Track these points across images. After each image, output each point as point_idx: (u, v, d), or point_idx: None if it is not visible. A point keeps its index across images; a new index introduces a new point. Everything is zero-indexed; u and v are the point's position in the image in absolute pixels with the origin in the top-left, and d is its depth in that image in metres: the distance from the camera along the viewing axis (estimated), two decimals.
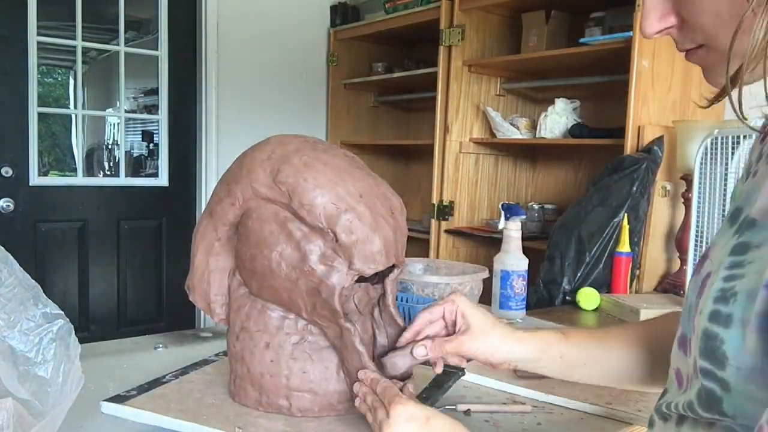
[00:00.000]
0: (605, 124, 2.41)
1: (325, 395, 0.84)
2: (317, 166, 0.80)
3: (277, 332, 0.85)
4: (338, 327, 0.81)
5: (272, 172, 0.80)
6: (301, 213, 0.78)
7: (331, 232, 0.78)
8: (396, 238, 0.82)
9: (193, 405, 0.87)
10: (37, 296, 0.77)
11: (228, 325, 0.90)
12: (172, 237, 3.09)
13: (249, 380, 0.86)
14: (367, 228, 0.78)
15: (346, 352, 0.81)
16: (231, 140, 3.05)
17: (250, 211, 0.83)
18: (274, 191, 0.80)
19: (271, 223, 0.81)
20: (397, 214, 0.84)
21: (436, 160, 2.68)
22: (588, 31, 2.29)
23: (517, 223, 1.48)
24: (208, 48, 3.00)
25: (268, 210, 0.81)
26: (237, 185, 0.84)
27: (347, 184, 0.79)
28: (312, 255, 0.79)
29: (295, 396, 0.84)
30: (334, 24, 3.31)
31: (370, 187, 0.82)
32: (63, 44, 2.95)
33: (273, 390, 0.85)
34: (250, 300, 0.87)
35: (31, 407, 0.69)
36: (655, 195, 1.92)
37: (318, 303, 0.80)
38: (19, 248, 2.56)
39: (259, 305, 0.86)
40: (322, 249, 0.79)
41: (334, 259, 0.79)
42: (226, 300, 0.90)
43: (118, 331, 2.95)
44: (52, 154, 4.45)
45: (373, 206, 0.80)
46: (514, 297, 1.45)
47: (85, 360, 0.76)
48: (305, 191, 0.78)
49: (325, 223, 0.78)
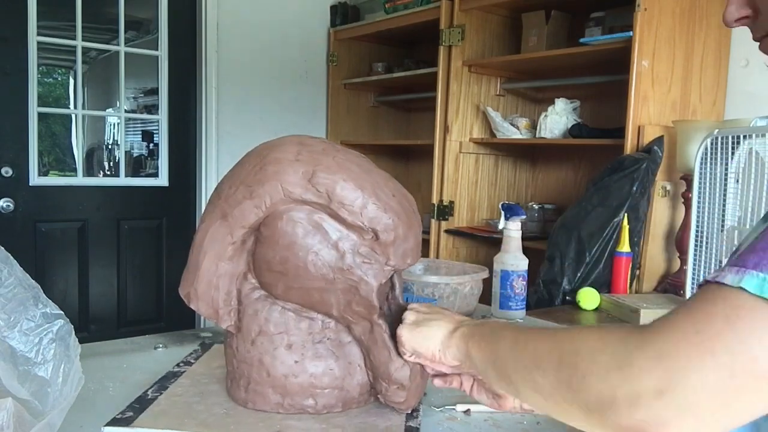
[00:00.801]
0: (605, 124, 2.41)
1: (349, 390, 0.87)
2: (351, 168, 0.81)
3: (299, 333, 0.86)
4: (369, 323, 0.84)
5: (306, 173, 0.80)
6: (341, 213, 0.80)
7: (371, 230, 0.81)
8: (420, 236, 0.87)
9: (208, 417, 0.84)
10: (37, 296, 0.77)
11: (237, 332, 0.88)
12: (172, 237, 3.09)
13: (270, 384, 0.86)
14: (405, 226, 0.83)
15: (375, 348, 0.84)
16: (231, 140, 3.05)
17: (279, 213, 0.82)
18: (310, 193, 0.80)
19: (305, 224, 0.81)
20: (417, 211, 0.89)
21: (436, 160, 2.68)
22: (588, 31, 2.29)
23: (517, 223, 1.48)
24: (208, 48, 3.00)
25: (300, 211, 0.81)
26: (262, 187, 0.81)
27: (381, 185, 0.82)
28: (349, 254, 0.81)
29: (321, 394, 0.86)
30: (334, 24, 3.30)
31: (396, 186, 0.86)
32: (63, 44, 2.95)
33: (298, 391, 0.85)
34: (268, 303, 0.86)
35: (31, 407, 0.69)
36: (655, 195, 1.92)
37: (354, 300, 0.82)
38: (19, 248, 2.55)
39: (279, 307, 0.86)
40: (359, 248, 0.81)
41: (372, 256, 0.82)
42: (234, 305, 0.87)
43: (118, 331, 2.94)
44: (52, 154, 4.44)
45: (404, 205, 0.84)
46: (514, 297, 1.45)
47: (85, 360, 0.76)
48: (346, 192, 0.80)
49: (367, 223, 0.80)
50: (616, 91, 2.14)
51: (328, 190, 0.80)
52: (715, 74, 2.13)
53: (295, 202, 0.81)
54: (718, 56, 2.13)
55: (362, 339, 0.86)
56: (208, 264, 0.86)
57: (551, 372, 0.54)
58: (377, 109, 3.50)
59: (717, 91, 2.15)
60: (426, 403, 0.92)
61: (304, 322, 0.86)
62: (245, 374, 0.88)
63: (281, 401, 0.86)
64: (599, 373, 0.49)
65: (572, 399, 0.52)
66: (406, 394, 0.84)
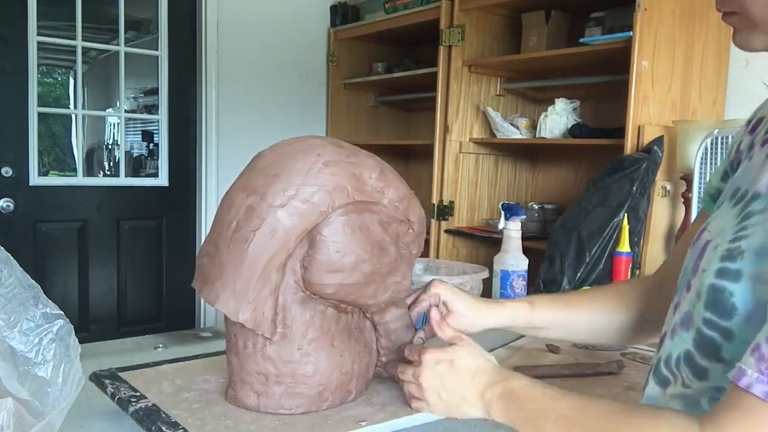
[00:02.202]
0: (605, 124, 2.41)
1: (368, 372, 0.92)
2: (382, 167, 0.88)
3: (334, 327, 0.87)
4: (397, 309, 0.91)
5: (374, 174, 0.85)
6: (390, 209, 0.86)
7: (408, 221, 0.88)
8: None
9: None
10: (37, 296, 0.77)
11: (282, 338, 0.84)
12: (172, 237, 3.09)
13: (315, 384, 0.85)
14: (423, 219, 0.91)
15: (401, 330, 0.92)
16: (231, 140, 3.05)
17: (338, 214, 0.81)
18: (365, 194, 0.84)
19: (375, 224, 0.85)
20: None
21: (436, 160, 2.68)
22: (588, 31, 2.29)
23: (517, 223, 1.48)
24: (208, 48, 3.00)
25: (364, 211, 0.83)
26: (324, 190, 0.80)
27: (400, 179, 0.89)
28: (397, 246, 0.87)
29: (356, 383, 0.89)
30: (334, 24, 3.30)
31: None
32: (63, 44, 2.95)
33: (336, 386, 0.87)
34: (309, 305, 0.84)
35: (31, 407, 0.69)
36: (655, 195, 1.92)
37: (390, 288, 0.88)
38: (19, 248, 2.56)
39: (320, 308, 0.85)
40: (404, 237, 0.88)
41: (410, 246, 0.89)
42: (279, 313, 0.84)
43: (118, 331, 2.94)
44: (52, 154, 4.44)
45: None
46: (514, 297, 1.44)
47: (85, 360, 0.76)
48: (390, 189, 0.86)
49: (411, 217, 0.88)
50: (616, 91, 2.14)
51: (381, 189, 0.86)
52: (715, 74, 2.13)
53: (357, 203, 0.83)
54: (718, 56, 2.13)
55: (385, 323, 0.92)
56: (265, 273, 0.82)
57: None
58: (377, 109, 3.50)
59: (717, 91, 2.15)
60: None
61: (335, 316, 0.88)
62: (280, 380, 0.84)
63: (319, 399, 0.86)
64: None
65: None
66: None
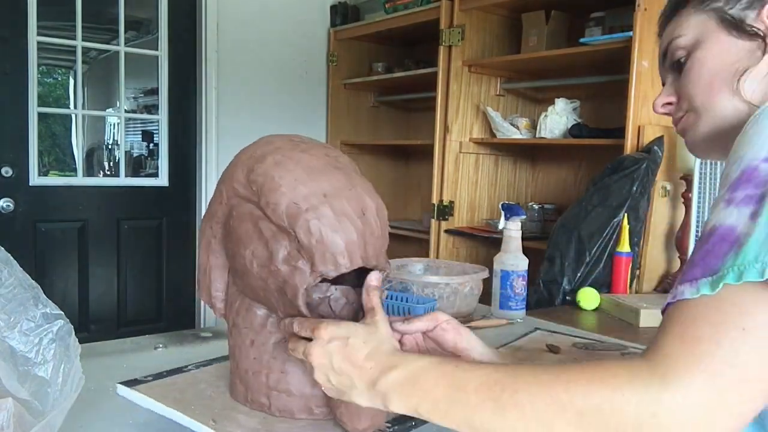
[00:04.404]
0: (605, 124, 2.41)
1: (302, 397, 0.83)
2: (288, 165, 0.78)
3: (261, 330, 0.86)
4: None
5: (248, 170, 0.81)
6: (267, 212, 0.78)
7: (292, 231, 0.76)
8: (364, 239, 0.78)
9: (192, 396, 0.88)
10: (37, 297, 0.77)
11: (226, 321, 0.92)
12: (172, 237, 3.08)
13: (238, 376, 0.88)
14: (328, 229, 0.75)
15: None
16: (231, 140, 3.04)
17: (232, 209, 0.84)
18: (248, 190, 0.81)
19: (247, 221, 0.81)
20: (370, 215, 0.79)
21: (436, 160, 2.68)
22: (588, 31, 2.29)
23: (517, 223, 1.48)
24: (208, 48, 3.00)
25: (245, 208, 0.82)
26: (223, 184, 0.86)
27: (313, 183, 0.77)
28: (278, 254, 0.77)
29: (274, 395, 0.84)
30: (334, 24, 3.31)
31: (340, 186, 0.78)
32: (63, 44, 2.95)
33: (255, 387, 0.85)
34: (239, 297, 0.88)
35: (31, 407, 0.69)
36: (655, 195, 1.92)
37: (286, 302, 0.79)
38: (19, 248, 2.56)
39: (247, 302, 0.87)
40: (288, 249, 0.77)
41: (298, 259, 0.76)
42: (225, 296, 0.91)
43: (118, 331, 2.94)
44: (52, 154, 4.44)
45: (339, 206, 0.77)
46: (514, 297, 1.45)
47: (85, 360, 0.76)
48: (271, 190, 0.77)
49: (286, 222, 0.76)
50: (616, 91, 2.14)
51: (258, 188, 0.78)
52: None
53: (242, 199, 0.82)
54: None
55: None
56: (203, 256, 0.90)
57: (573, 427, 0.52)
58: (377, 109, 3.50)
59: None
60: None
61: (266, 320, 0.85)
62: (230, 364, 0.91)
63: (246, 395, 0.86)
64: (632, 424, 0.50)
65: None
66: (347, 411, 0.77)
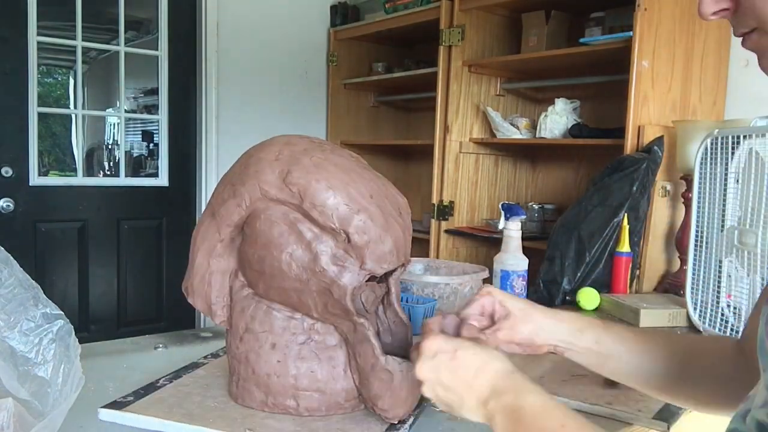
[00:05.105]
0: (605, 124, 2.41)
1: (332, 394, 0.85)
2: (328, 167, 0.80)
3: (283, 333, 0.85)
4: (351, 323, 0.82)
5: (282, 173, 0.80)
6: (312, 214, 0.79)
7: (343, 232, 0.79)
8: (405, 237, 0.84)
9: (195, 408, 0.87)
10: (36, 297, 0.77)
11: (230, 327, 0.90)
12: (172, 237, 3.08)
13: (254, 381, 0.86)
14: (380, 228, 0.80)
15: (360, 346, 0.82)
16: (231, 140, 3.04)
17: (258, 212, 0.83)
18: (284, 192, 0.80)
19: (281, 224, 0.81)
20: (405, 214, 0.85)
21: (436, 160, 2.68)
22: (588, 31, 2.29)
23: (517, 223, 1.48)
24: (208, 48, 3.00)
25: (277, 211, 0.81)
26: (243, 186, 0.83)
27: (358, 185, 0.80)
28: (323, 255, 0.80)
29: (303, 396, 0.85)
30: (334, 24, 3.30)
31: (378, 187, 0.83)
32: (63, 44, 2.95)
33: (280, 391, 0.85)
34: (254, 301, 0.87)
35: (31, 407, 0.69)
36: (655, 195, 1.92)
37: (330, 303, 0.81)
38: (19, 248, 2.55)
39: (264, 306, 0.86)
40: (333, 249, 0.80)
41: (346, 259, 0.80)
42: (227, 302, 0.89)
43: (118, 331, 2.94)
44: (52, 154, 4.44)
45: (384, 206, 0.81)
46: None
47: (85, 360, 0.76)
48: (317, 192, 0.78)
49: (337, 224, 0.78)
50: (616, 91, 2.14)
51: (301, 190, 0.79)
52: (715, 74, 2.13)
53: (272, 201, 0.82)
54: (718, 56, 2.13)
55: (348, 337, 0.85)
56: (201, 260, 0.88)
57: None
58: (377, 109, 3.50)
59: (717, 91, 2.14)
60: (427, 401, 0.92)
61: (288, 322, 0.85)
62: (235, 370, 0.89)
63: (265, 399, 0.86)
64: None
65: None
66: (391, 401, 0.81)
